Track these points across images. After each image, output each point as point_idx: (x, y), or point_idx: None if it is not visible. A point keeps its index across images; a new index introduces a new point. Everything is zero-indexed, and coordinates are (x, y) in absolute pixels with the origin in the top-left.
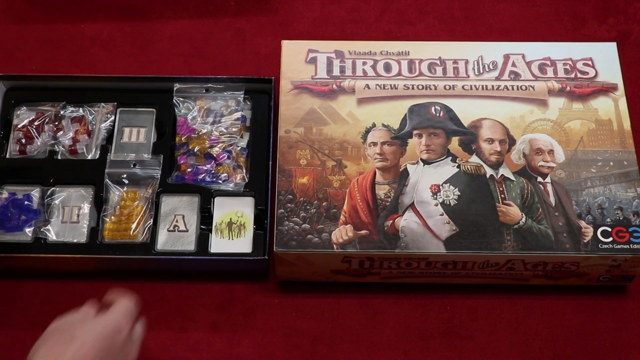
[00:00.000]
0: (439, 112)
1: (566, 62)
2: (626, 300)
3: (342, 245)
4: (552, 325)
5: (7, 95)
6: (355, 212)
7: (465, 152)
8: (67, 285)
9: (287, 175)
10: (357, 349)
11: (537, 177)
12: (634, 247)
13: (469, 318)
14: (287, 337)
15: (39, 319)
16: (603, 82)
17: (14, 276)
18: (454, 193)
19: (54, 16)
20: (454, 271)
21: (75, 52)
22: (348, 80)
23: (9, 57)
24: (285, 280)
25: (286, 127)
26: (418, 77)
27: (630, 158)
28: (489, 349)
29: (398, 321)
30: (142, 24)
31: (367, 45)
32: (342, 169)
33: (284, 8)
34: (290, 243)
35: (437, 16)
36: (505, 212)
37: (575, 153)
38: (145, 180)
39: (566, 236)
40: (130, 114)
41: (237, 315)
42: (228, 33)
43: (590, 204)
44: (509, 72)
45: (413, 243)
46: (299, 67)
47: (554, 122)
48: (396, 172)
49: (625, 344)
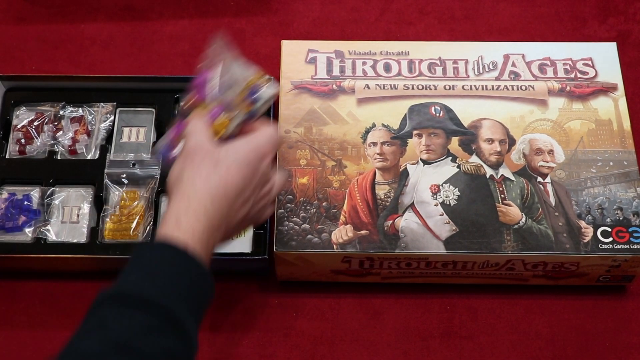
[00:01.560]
0: (439, 112)
1: (566, 62)
2: (626, 300)
3: (342, 245)
4: (552, 325)
5: (6, 95)
6: (355, 212)
7: (465, 152)
8: (67, 285)
9: (287, 175)
10: (357, 349)
11: (537, 177)
12: (634, 247)
13: (469, 318)
14: (287, 337)
15: (39, 319)
16: (603, 82)
17: (14, 276)
18: (454, 193)
19: (54, 16)
20: (454, 271)
21: (75, 52)
22: (348, 80)
23: (9, 57)
24: (285, 280)
25: (286, 127)
26: (418, 77)
27: (630, 158)
28: (489, 349)
29: (398, 321)
30: (142, 24)
31: (367, 45)
32: (342, 169)
33: (284, 8)
34: (290, 243)
35: (437, 16)
36: (505, 212)
37: (575, 153)
38: (145, 180)
39: (566, 236)
40: (130, 114)
41: (237, 315)
42: (228, 33)
43: (590, 204)
44: (508, 72)
45: (413, 243)
46: (299, 67)
47: (554, 122)
48: (396, 172)
49: (625, 344)
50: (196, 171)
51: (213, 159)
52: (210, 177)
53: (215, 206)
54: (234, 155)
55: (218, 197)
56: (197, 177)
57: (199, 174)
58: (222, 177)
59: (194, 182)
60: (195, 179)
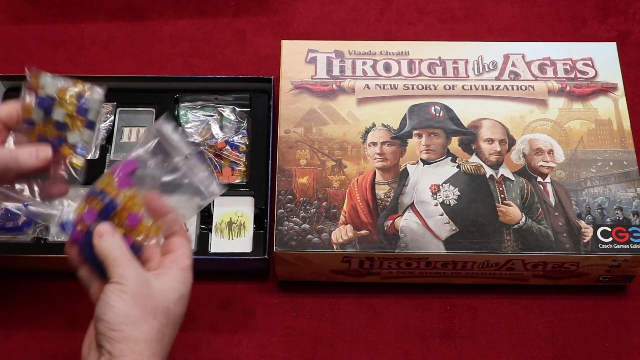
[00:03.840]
0: (439, 112)
1: (566, 62)
2: (626, 300)
3: (342, 245)
4: (552, 325)
5: (6, 95)
6: (355, 212)
7: (465, 152)
8: (67, 285)
9: (287, 175)
10: (357, 349)
11: (537, 177)
12: (634, 247)
13: (469, 318)
14: (287, 337)
15: (39, 319)
16: (603, 82)
17: (14, 276)
18: (453, 193)
19: (54, 16)
20: (453, 271)
21: (75, 52)
22: (348, 80)
23: (9, 57)
24: (285, 280)
25: (286, 127)
26: (418, 77)
27: (630, 158)
28: (489, 349)
29: (398, 321)
30: (142, 24)
31: (367, 45)
32: (342, 169)
33: (284, 8)
34: (290, 243)
35: (437, 16)
36: (505, 212)
37: (575, 153)
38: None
39: (566, 236)
40: (130, 114)
41: (237, 315)
42: (228, 33)
43: (590, 204)
44: (508, 72)
45: (413, 243)
46: (298, 67)
47: (554, 122)
48: (396, 172)
49: (625, 344)
50: (140, 328)
51: (149, 311)
52: (149, 332)
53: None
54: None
55: (156, 344)
56: (140, 333)
57: (142, 330)
58: (159, 330)
59: (137, 339)
60: (139, 336)
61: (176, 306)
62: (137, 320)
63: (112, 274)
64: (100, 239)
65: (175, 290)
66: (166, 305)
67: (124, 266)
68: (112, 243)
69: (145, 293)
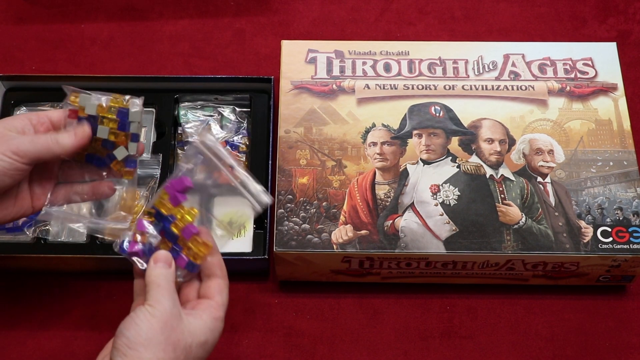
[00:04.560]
0: (439, 112)
1: (566, 62)
2: (626, 300)
3: (342, 245)
4: (552, 325)
5: (6, 95)
6: (355, 212)
7: (465, 152)
8: (67, 285)
9: (287, 175)
10: (357, 349)
11: (537, 177)
12: (634, 247)
13: (469, 318)
14: (287, 337)
15: (39, 318)
16: (603, 82)
17: (14, 276)
18: (453, 193)
19: (54, 16)
20: (453, 271)
21: (75, 52)
22: (348, 80)
23: (9, 57)
24: (285, 280)
25: (286, 127)
26: (418, 77)
27: (630, 158)
28: (489, 349)
29: (398, 321)
30: (142, 24)
31: (367, 45)
32: (342, 169)
33: (284, 8)
34: (290, 243)
35: (437, 16)
36: (505, 212)
37: (575, 153)
38: (145, 179)
39: (566, 236)
40: None
41: (237, 315)
42: (228, 33)
43: (590, 204)
44: (508, 72)
45: (413, 243)
46: (298, 67)
47: (554, 122)
48: (396, 172)
49: (625, 344)
50: (156, 355)
51: (170, 342)
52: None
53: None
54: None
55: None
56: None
57: (157, 357)
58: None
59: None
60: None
61: (199, 349)
62: (156, 346)
63: (149, 297)
64: (155, 264)
65: (202, 334)
66: (190, 344)
67: (164, 294)
68: (162, 273)
69: (173, 325)
